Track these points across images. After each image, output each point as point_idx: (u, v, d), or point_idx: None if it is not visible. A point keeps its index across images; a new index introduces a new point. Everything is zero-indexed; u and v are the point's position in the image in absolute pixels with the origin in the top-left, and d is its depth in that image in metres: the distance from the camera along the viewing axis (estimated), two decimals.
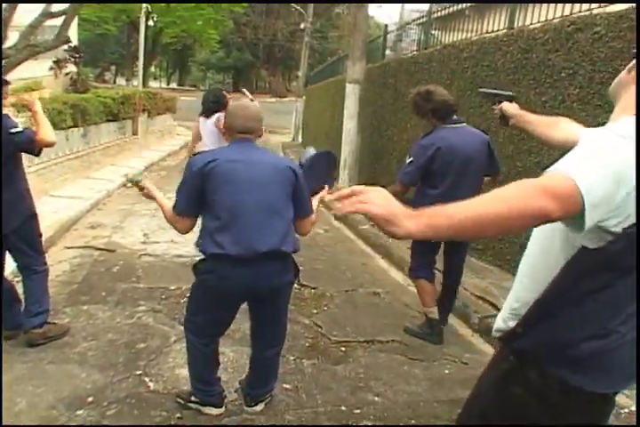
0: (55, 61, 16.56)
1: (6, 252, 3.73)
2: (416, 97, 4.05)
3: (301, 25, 26.89)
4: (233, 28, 46.62)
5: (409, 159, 3.98)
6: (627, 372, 1.52)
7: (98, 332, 4.02)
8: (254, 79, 60.89)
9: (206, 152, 2.93)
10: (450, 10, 7.99)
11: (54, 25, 11.24)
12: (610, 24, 4.20)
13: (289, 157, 15.98)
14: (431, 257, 4.25)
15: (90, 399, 3.15)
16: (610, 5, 4.60)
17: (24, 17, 10.93)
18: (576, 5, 4.92)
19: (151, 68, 46.86)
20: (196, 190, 2.70)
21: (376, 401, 3.35)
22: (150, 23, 26.42)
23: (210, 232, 2.69)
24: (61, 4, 10.97)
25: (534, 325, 1.53)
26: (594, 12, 4.58)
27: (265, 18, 47.36)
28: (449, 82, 6.67)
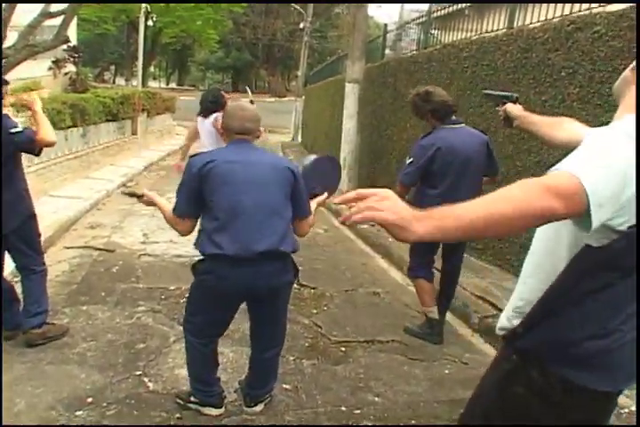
0: (54, 61, 16.56)
1: (5, 252, 3.73)
2: (415, 98, 4.05)
3: (301, 25, 26.90)
4: (232, 27, 46.63)
5: (409, 160, 3.97)
6: (627, 371, 1.51)
7: (97, 332, 4.01)
8: (253, 79, 60.89)
9: (204, 153, 2.92)
10: (449, 9, 7.98)
11: (53, 25, 11.25)
12: (610, 23, 4.19)
13: (288, 156, 15.98)
14: (430, 257, 4.25)
15: (89, 400, 3.14)
16: (609, 4, 4.59)
17: (23, 17, 10.93)
18: (576, 5, 4.91)
19: (150, 68, 46.85)
20: (195, 192, 2.70)
21: (376, 401, 3.35)
22: (150, 23, 26.47)
23: (208, 233, 2.69)
24: (60, 4, 10.97)
25: (537, 324, 1.52)
26: (594, 11, 4.57)
27: (264, 18, 47.34)
28: (448, 81, 6.66)
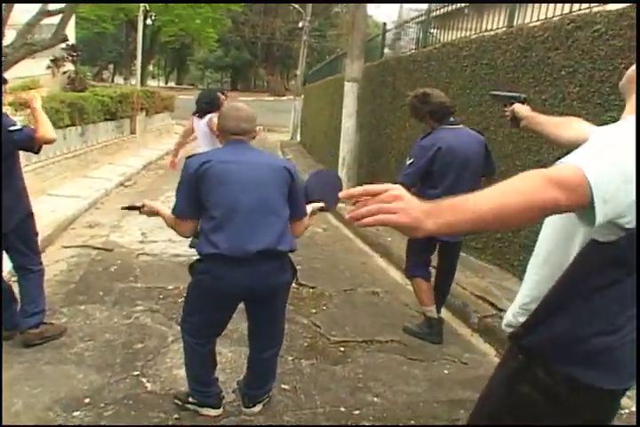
0: (53, 60, 16.53)
1: (3, 252, 3.71)
2: (413, 100, 4.07)
3: (300, 24, 26.87)
4: (231, 26, 46.60)
5: (409, 160, 3.96)
6: (629, 370, 1.51)
7: (95, 332, 4.00)
8: (252, 78, 60.92)
9: (201, 154, 2.92)
10: (449, 8, 7.97)
11: (52, 23, 11.24)
12: (610, 22, 4.18)
13: (287, 155, 15.98)
14: (427, 256, 4.26)
15: (87, 400, 3.12)
16: (609, 3, 4.58)
17: (21, 15, 10.91)
18: (575, 3, 4.90)
19: (149, 66, 46.81)
20: (193, 192, 2.69)
21: (375, 402, 3.33)
22: (148, 22, 26.40)
23: (205, 233, 2.69)
24: (59, 3, 10.94)
25: (543, 320, 1.52)
26: (594, 10, 4.56)
27: (263, 16, 47.35)
28: (448, 80, 6.65)
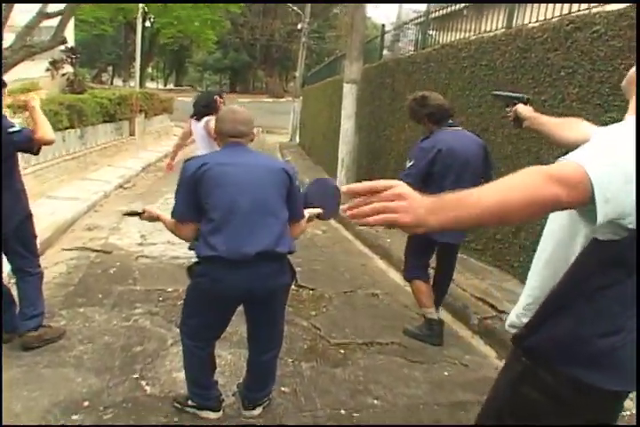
0: (52, 62, 16.54)
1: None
2: (412, 103, 4.10)
3: (298, 25, 26.90)
4: (230, 28, 46.58)
5: (409, 162, 3.95)
6: (630, 371, 1.50)
7: (94, 335, 3.99)
8: (251, 80, 60.88)
9: (198, 157, 2.92)
10: (448, 10, 7.96)
11: (51, 26, 11.21)
12: (609, 23, 4.17)
13: (286, 157, 15.97)
14: (426, 259, 4.27)
15: (86, 404, 3.11)
16: (608, 4, 4.57)
17: (20, 17, 10.90)
18: (575, 4, 4.89)
19: (148, 68, 46.72)
20: (191, 195, 2.69)
21: (376, 404, 3.32)
22: (147, 24, 26.39)
23: (204, 235, 2.68)
24: (58, 3, 10.92)
25: (545, 321, 1.52)
26: (593, 10, 4.55)
27: (262, 18, 47.37)
28: (447, 82, 6.64)
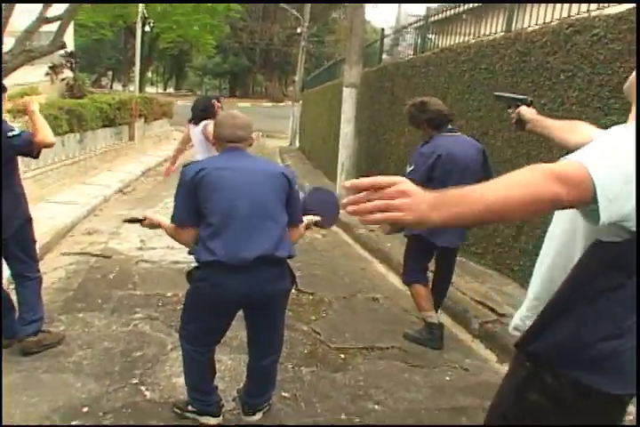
0: (51, 67, 16.53)
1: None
2: (411, 108, 4.12)
3: (298, 29, 26.87)
4: (229, 33, 46.69)
5: (409, 168, 3.95)
6: (632, 375, 1.49)
7: (93, 340, 3.97)
8: (251, 84, 60.96)
9: (197, 162, 2.93)
10: (447, 14, 7.97)
11: (50, 31, 11.22)
12: (609, 26, 4.17)
13: (286, 161, 15.97)
14: (425, 263, 4.28)
15: (85, 409, 3.10)
16: (608, 7, 4.57)
17: (20, 22, 10.90)
18: (574, 8, 4.90)
19: (148, 73, 46.81)
20: (191, 200, 2.68)
21: (376, 409, 3.30)
22: (147, 28, 26.37)
23: (203, 240, 2.67)
24: (59, 3, 10.89)
25: (549, 324, 1.51)
26: (592, 14, 4.55)
27: (261, 22, 47.51)
28: (446, 85, 6.64)
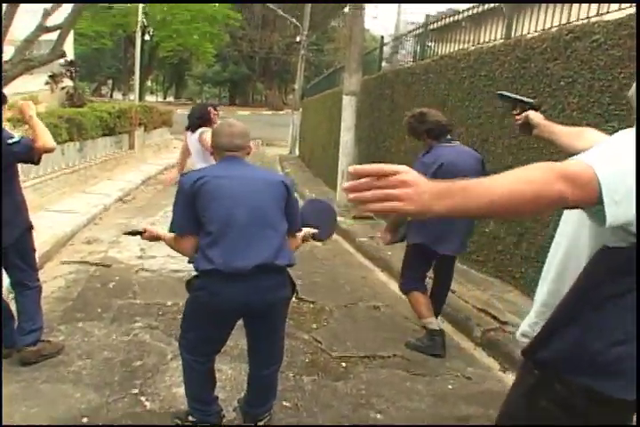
0: (51, 76, 16.59)
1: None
2: (410, 119, 4.16)
3: (297, 38, 27.01)
4: (229, 41, 46.79)
5: None
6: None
7: (93, 350, 3.94)
8: (251, 92, 61.12)
9: (195, 171, 2.92)
10: (446, 21, 7.99)
11: (50, 40, 11.25)
12: (609, 32, 4.17)
13: (286, 169, 15.97)
14: (423, 272, 4.30)
15: (85, 420, 3.07)
16: (607, 13, 4.57)
17: (19, 32, 10.93)
18: (573, 14, 4.90)
19: (148, 82, 46.94)
20: (189, 208, 2.67)
21: (378, 419, 3.27)
22: (146, 37, 26.51)
23: (202, 248, 2.66)
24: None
25: (556, 331, 1.49)
26: (592, 20, 4.55)
27: (261, 31, 47.64)
28: (446, 93, 6.64)
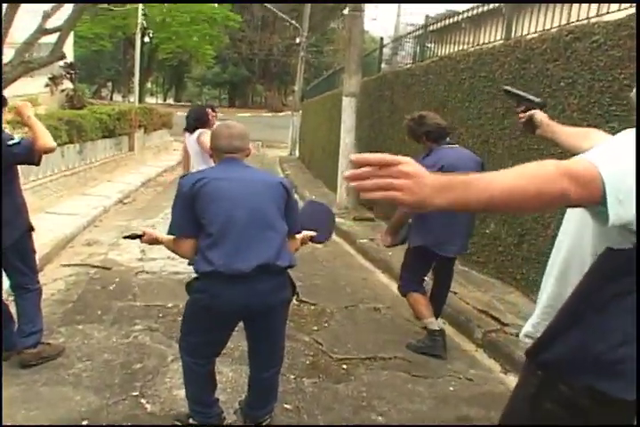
0: (51, 78, 16.59)
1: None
2: (410, 122, 4.19)
3: (297, 40, 26.99)
4: (228, 43, 46.81)
5: None
6: None
7: (93, 352, 3.93)
8: (250, 94, 61.14)
9: (194, 173, 2.92)
10: (445, 22, 7.99)
11: (50, 42, 11.23)
12: (608, 32, 4.16)
13: (286, 171, 15.97)
14: (422, 274, 4.31)
15: (85, 423, 3.06)
16: (607, 14, 4.57)
17: (19, 34, 10.93)
18: (573, 14, 4.90)
19: (147, 84, 46.98)
20: (189, 210, 2.67)
21: (379, 421, 3.26)
22: (146, 39, 26.45)
23: (202, 250, 2.65)
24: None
25: (559, 332, 1.49)
26: (591, 20, 4.55)
27: (260, 33, 47.69)
28: (446, 94, 6.63)
